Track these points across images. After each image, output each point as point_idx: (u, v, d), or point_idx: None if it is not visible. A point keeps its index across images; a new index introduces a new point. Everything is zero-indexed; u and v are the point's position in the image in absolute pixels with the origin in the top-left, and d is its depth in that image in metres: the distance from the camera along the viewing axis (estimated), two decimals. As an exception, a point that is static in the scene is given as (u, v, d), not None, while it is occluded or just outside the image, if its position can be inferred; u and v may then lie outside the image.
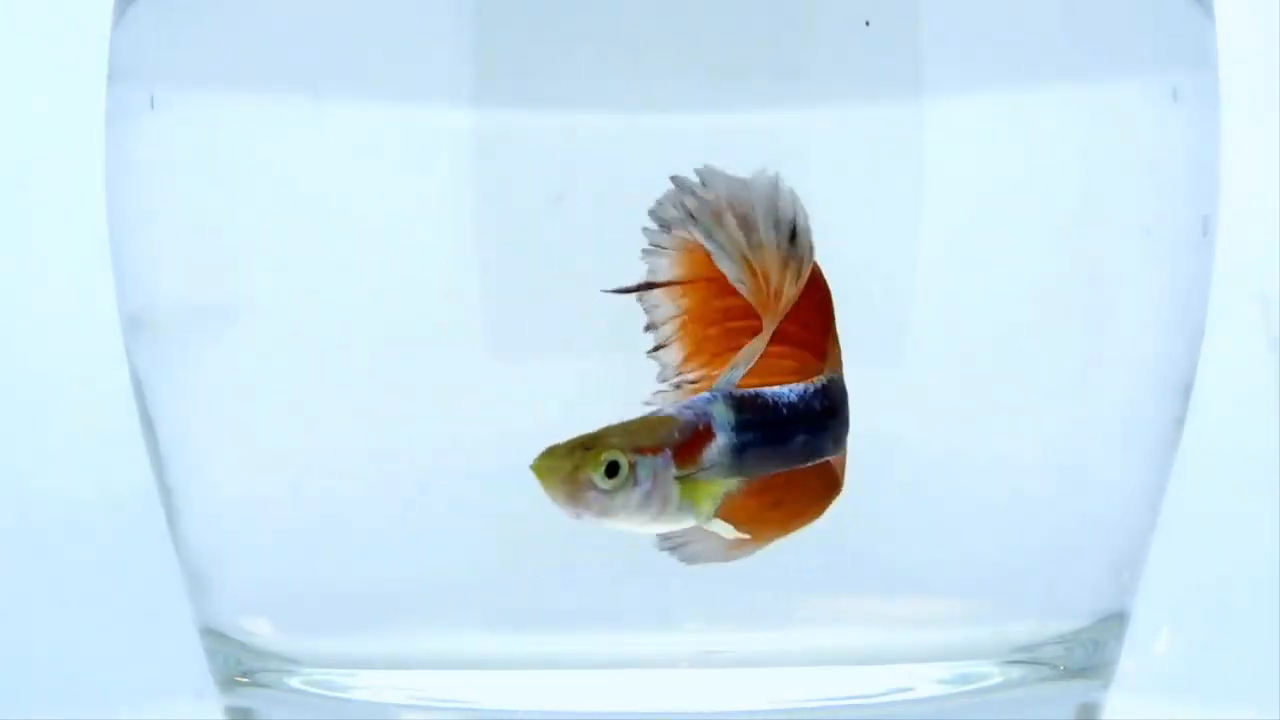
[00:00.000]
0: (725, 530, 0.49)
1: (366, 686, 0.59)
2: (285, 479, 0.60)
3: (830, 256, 0.56)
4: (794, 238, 0.50)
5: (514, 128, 0.57)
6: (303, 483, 0.60)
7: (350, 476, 0.59)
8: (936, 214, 0.57)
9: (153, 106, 0.60)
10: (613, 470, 0.48)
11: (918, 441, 0.58)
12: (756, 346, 0.50)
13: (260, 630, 0.61)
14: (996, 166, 0.58)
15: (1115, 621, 0.62)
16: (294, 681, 0.60)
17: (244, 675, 0.61)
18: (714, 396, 0.49)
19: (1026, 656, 0.60)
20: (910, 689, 0.58)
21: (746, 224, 0.49)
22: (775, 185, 0.50)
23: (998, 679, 0.59)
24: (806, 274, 0.50)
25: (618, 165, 0.57)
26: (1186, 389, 0.63)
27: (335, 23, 0.57)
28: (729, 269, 0.50)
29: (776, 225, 0.50)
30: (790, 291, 0.50)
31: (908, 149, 0.57)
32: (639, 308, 0.56)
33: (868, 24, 0.56)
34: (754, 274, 0.50)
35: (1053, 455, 0.60)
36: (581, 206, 0.56)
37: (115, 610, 0.81)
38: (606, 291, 0.50)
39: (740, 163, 0.56)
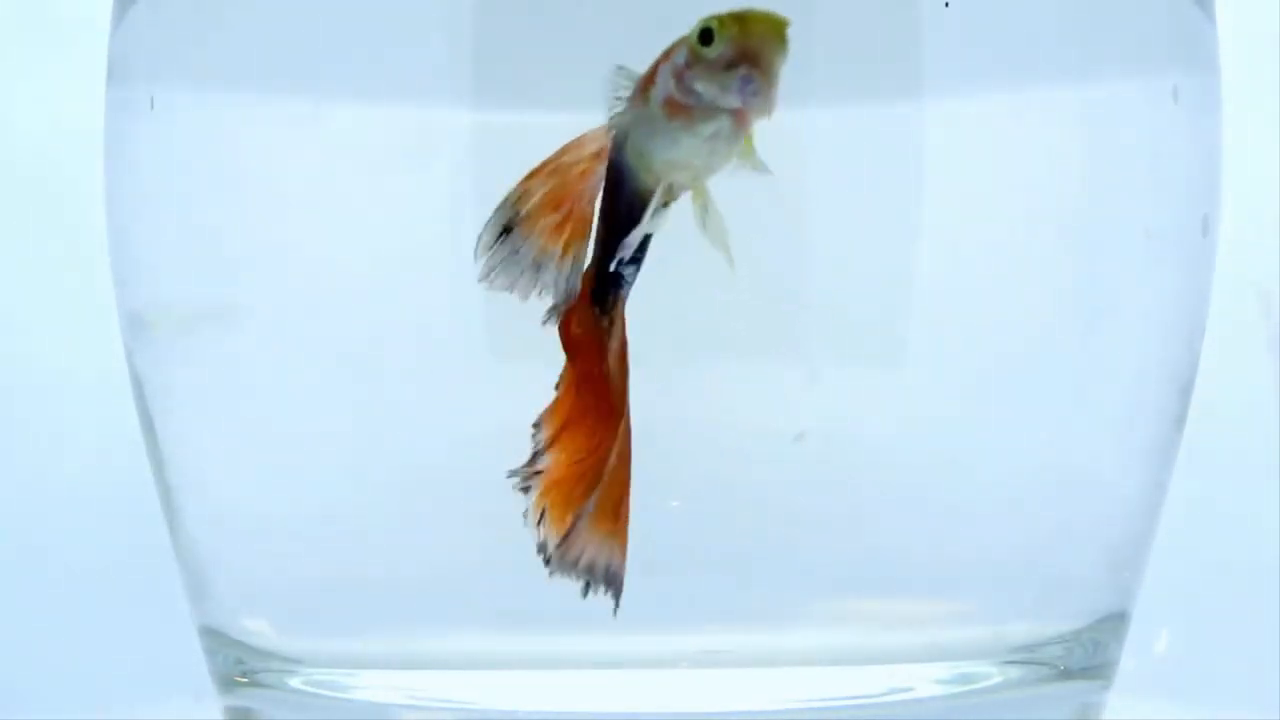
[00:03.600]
0: None
1: (366, 686, 0.59)
2: (285, 479, 0.60)
3: (830, 257, 0.57)
4: None
5: (514, 128, 0.57)
6: (302, 483, 0.60)
7: (350, 476, 0.59)
8: (936, 214, 0.57)
9: (152, 107, 0.60)
10: None
11: (918, 441, 0.58)
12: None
13: (260, 630, 0.61)
14: (996, 166, 0.58)
15: (1115, 621, 0.62)
16: (294, 681, 0.60)
17: (244, 675, 0.61)
18: None
19: (1026, 657, 0.60)
20: (910, 689, 0.58)
21: None
22: None
23: (997, 679, 0.59)
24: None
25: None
26: (1186, 389, 0.63)
27: (335, 23, 0.57)
28: None
29: None
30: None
31: (908, 149, 0.57)
32: (638, 308, 0.56)
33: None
34: None
35: (1053, 455, 0.60)
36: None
37: (114, 610, 0.81)
38: None
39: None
